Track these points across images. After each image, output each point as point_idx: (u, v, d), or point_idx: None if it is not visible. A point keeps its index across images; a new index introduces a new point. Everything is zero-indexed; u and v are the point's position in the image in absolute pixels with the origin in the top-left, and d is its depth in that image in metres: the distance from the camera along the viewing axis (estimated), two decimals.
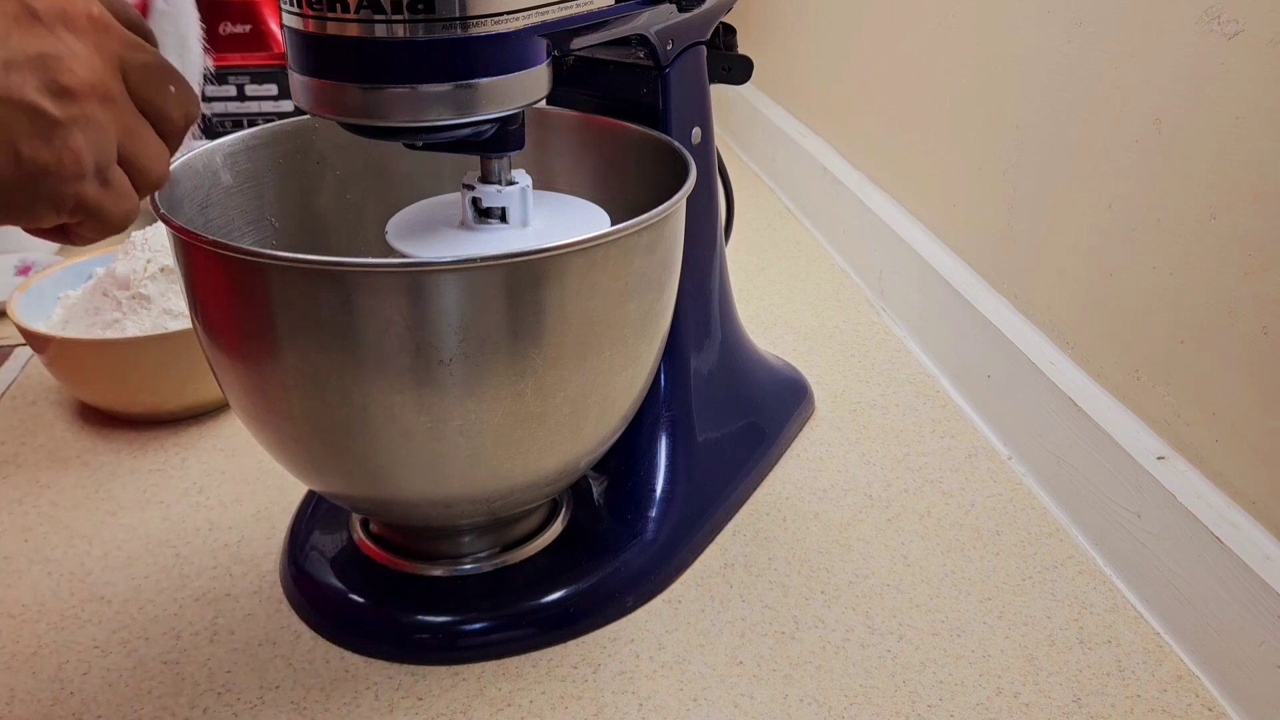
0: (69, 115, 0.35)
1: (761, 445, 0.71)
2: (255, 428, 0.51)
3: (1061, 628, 0.57)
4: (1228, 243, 0.54)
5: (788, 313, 0.95)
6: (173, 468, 0.71)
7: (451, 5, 0.42)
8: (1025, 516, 0.67)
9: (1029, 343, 0.73)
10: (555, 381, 0.47)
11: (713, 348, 0.67)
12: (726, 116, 1.46)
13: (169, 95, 0.39)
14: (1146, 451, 0.60)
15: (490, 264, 0.43)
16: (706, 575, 0.61)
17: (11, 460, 0.72)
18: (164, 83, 0.38)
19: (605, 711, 0.52)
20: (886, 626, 0.57)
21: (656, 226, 0.48)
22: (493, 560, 0.58)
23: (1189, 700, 0.53)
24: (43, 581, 0.61)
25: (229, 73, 1.16)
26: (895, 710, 0.52)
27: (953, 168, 0.85)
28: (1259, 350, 0.53)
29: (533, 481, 0.52)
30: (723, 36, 0.63)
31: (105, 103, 0.36)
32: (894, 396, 0.81)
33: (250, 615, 0.58)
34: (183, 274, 0.49)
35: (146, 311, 0.75)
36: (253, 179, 0.58)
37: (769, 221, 1.18)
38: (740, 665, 0.55)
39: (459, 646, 0.56)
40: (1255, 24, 0.52)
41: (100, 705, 0.52)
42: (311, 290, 0.44)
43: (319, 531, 0.62)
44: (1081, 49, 0.66)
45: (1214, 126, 0.55)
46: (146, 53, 0.38)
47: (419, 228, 0.54)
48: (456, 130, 0.46)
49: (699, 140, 0.61)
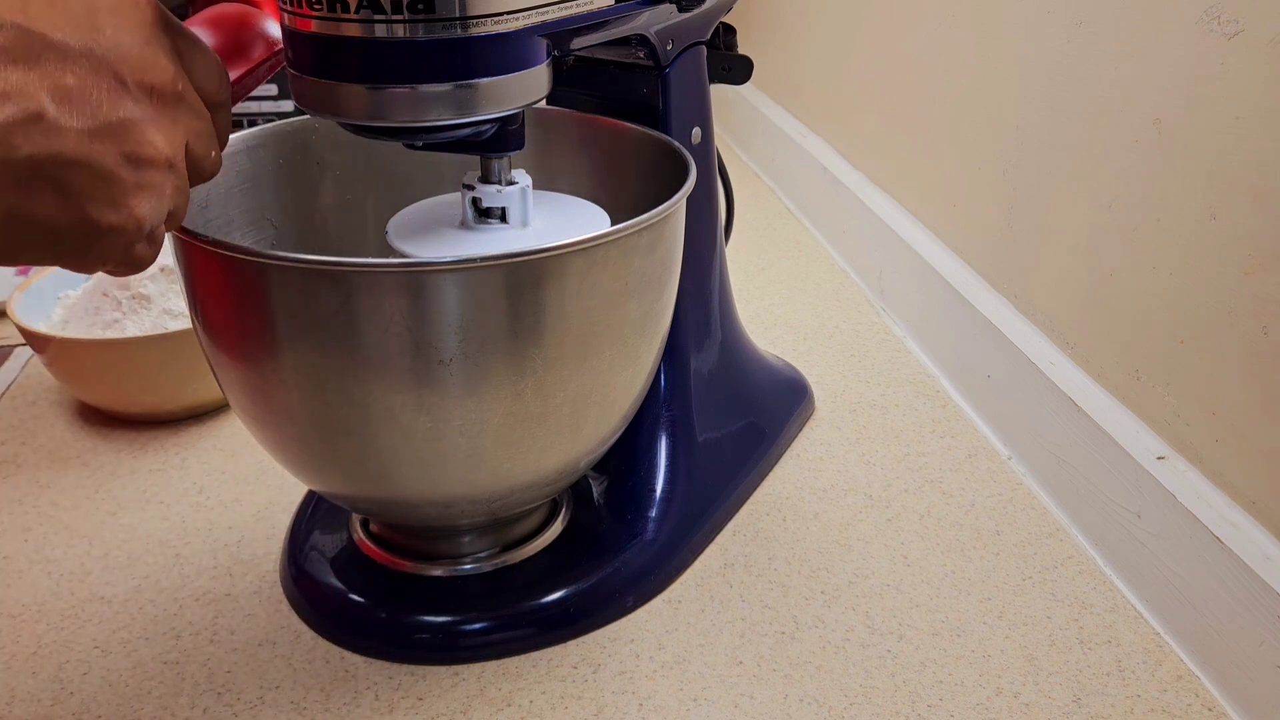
0: (139, 183, 0.36)
1: (761, 445, 0.71)
2: (255, 428, 0.51)
3: (1061, 628, 0.57)
4: (1228, 243, 0.54)
5: (788, 313, 0.95)
6: (173, 468, 0.71)
7: (451, 5, 0.42)
8: (1025, 516, 0.67)
9: (1029, 343, 0.73)
10: (555, 381, 0.47)
11: (713, 348, 0.67)
12: (726, 116, 1.46)
13: (212, 160, 0.41)
14: (1146, 451, 0.60)
15: (490, 264, 0.43)
16: (706, 575, 0.61)
17: (11, 460, 0.72)
18: (211, 148, 0.41)
19: (605, 711, 0.52)
20: (886, 626, 0.57)
21: (656, 226, 0.48)
22: (493, 560, 0.59)
23: (1189, 700, 0.53)
24: (43, 581, 0.61)
25: None
26: (895, 710, 0.52)
27: (953, 168, 0.85)
28: (1259, 350, 0.53)
29: (533, 481, 0.52)
30: (723, 36, 0.63)
31: (171, 172, 0.38)
32: (894, 396, 0.81)
33: (250, 615, 0.58)
34: (183, 274, 0.49)
35: (146, 311, 0.75)
36: (253, 179, 0.58)
37: (769, 221, 1.18)
38: (740, 665, 0.55)
39: (459, 646, 0.56)
40: (1255, 24, 0.52)
41: (100, 705, 0.52)
42: (311, 290, 0.44)
43: (319, 531, 0.62)
44: (1081, 49, 0.66)
45: (1214, 126, 0.55)
46: (205, 120, 0.40)
47: (419, 228, 0.54)
48: (456, 130, 0.46)
49: (699, 140, 0.61)
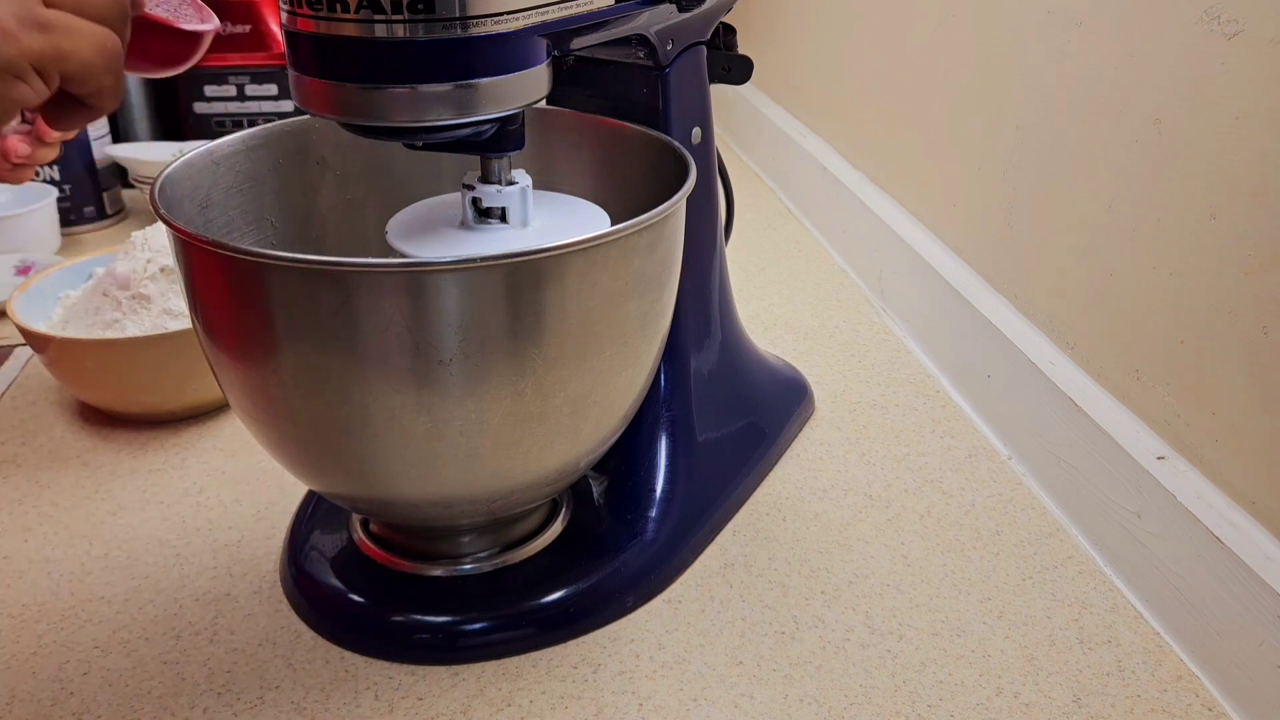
0: None
1: (761, 445, 0.71)
2: (255, 428, 0.51)
3: (1061, 628, 0.57)
4: (1228, 243, 0.54)
5: (788, 313, 0.95)
6: (173, 468, 0.71)
7: (451, 5, 0.42)
8: (1025, 516, 0.67)
9: (1029, 343, 0.73)
10: (555, 381, 0.47)
11: (713, 348, 0.67)
12: (726, 116, 1.46)
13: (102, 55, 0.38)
14: (1146, 451, 0.60)
15: (490, 264, 0.43)
16: (706, 575, 0.61)
17: (11, 460, 0.72)
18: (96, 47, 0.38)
19: (605, 711, 0.52)
20: (886, 626, 0.57)
21: (656, 226, 0.48)
22: (493, 560, 0.58)
23: (1189, 700, 0.53)
24: (43, 581, 0.61)
25: (229, 73, 1.16)
26: (895, 710, 0.52)
27: (953, 168, 0.85)
28: (1259, 350, 0.53)
29: (533, 481, 0.52)
30: (723, 36, 0.63)
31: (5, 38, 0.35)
32: (894, 396, 0.81)
33: (250, 615, 0.58)
34: (183, 274, 0.49)
35: (146, 311, 0.74)
36: (253, 179, 0.58)
37: (769, 221, 1.18)
38: (740, 665, 0.55)
39: (459, 646, 0.56)
40: (1255, 24, 0.52)
41: (100, 705, 0.52)
42: (311, 290, 0.44)
43: (319, 531, 0.62)
44: (1081, 49, 0.66)
45: (1214, 126, 0.55)
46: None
47: (419, 228, 0.54)
48: (456, 130, 0.46)
49: (699, 140, 0.61)
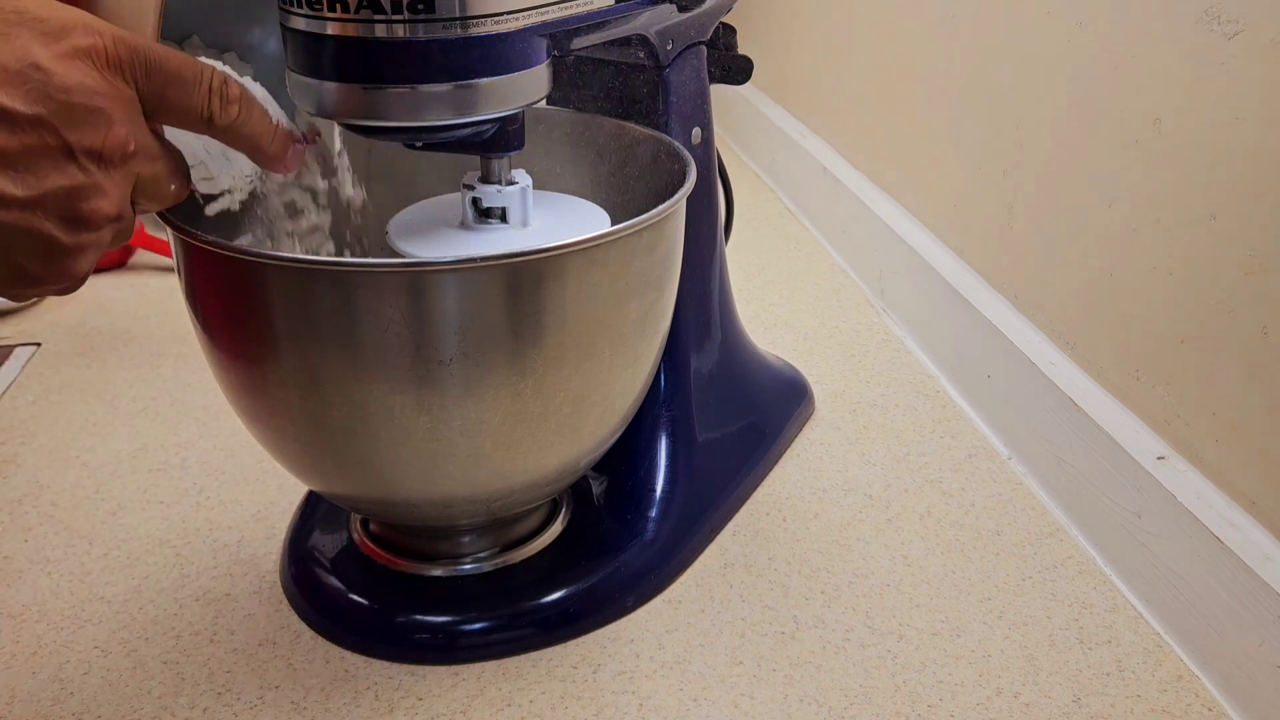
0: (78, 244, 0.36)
1: (761, 445, 0.71)
2: (255, 428, 0.51)
3: (1061, 628, 0.57)
4: (1228, 243, 0.54)
5: (788, 313, 0.95)
6: (173, 468, 0.71)
7: (451, 5, 0.42)
8: (1025, 516, 0.67)
9: (1029, 343, 0.73)
10: (555, 381, 0.47)
11: (713, 348, 0.67)
12: (726, 116, 1.46)
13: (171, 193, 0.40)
14: (1146, 451, 0.60)
15: (490, 264, 0.43)
16: (706, 575, 0.61)
17: (11, 460, 0.72)
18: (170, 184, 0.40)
19: (605, 711, 0.52)
20: (886, 626, 0.57)
21: (656, 226, 0.48)
22: (493, 560, 0.58)
23: (1189, 700, 0.53)
24: (43, 581, 0.61)
25: None
26: (895, 710, 0.52)
27: (953, 168, 0.85)
28: (1259, 350, 0.53)
29: (533, 481, 0.52)
30: (723, 36, 0.63)
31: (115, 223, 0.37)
32: (894, 396, 0.81)
33: (250, 615, 0.58)
34: (182, 274, 0.49)
35: None
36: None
37: (769, 221, 1.18)
38: (740, 665, 0.55)
39: (459, 646, 0.56)
40: (1255, 24, 0.52)
41: (100, 705, 0.52)
42: (311, 290, 0.44)
43: (319, 531, 0.62)
44: (1081, 49, 0.66)
45: (1214, 126, 0.55)
46: (160, 162, 0.39)
47: (419, 228, 0.54)
48: (456, 130, 0.46)
49: (699, 140, 0.61)
